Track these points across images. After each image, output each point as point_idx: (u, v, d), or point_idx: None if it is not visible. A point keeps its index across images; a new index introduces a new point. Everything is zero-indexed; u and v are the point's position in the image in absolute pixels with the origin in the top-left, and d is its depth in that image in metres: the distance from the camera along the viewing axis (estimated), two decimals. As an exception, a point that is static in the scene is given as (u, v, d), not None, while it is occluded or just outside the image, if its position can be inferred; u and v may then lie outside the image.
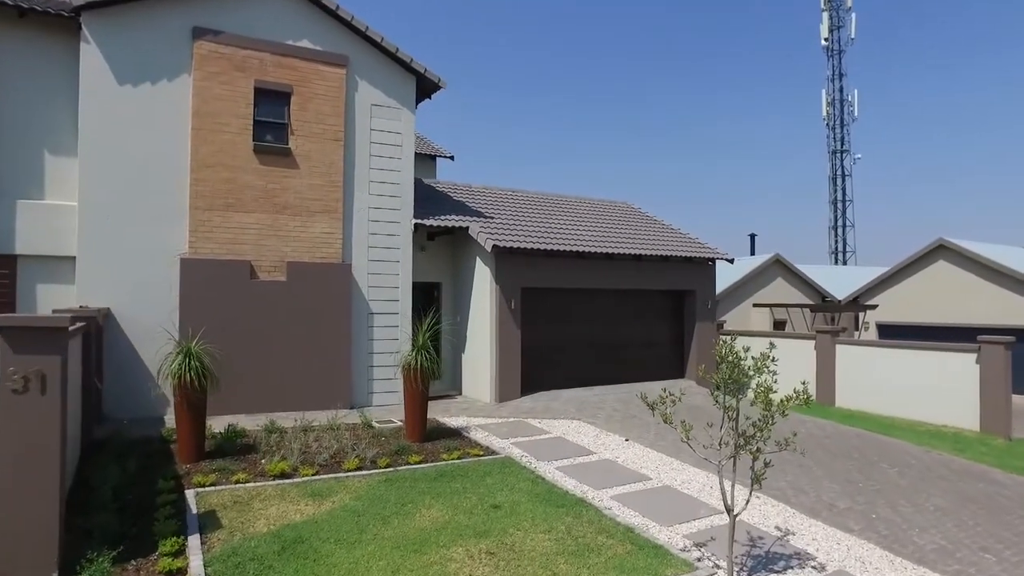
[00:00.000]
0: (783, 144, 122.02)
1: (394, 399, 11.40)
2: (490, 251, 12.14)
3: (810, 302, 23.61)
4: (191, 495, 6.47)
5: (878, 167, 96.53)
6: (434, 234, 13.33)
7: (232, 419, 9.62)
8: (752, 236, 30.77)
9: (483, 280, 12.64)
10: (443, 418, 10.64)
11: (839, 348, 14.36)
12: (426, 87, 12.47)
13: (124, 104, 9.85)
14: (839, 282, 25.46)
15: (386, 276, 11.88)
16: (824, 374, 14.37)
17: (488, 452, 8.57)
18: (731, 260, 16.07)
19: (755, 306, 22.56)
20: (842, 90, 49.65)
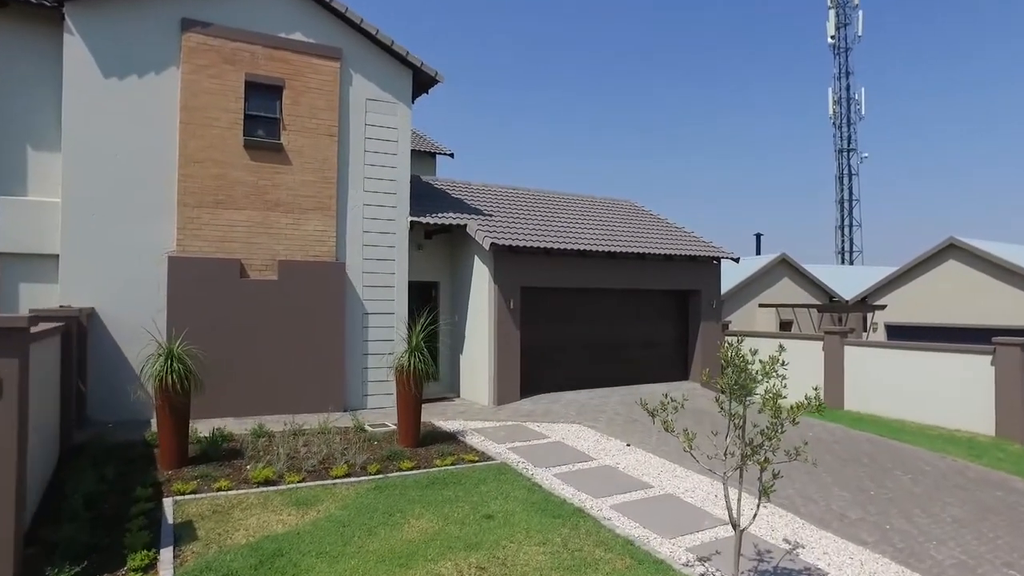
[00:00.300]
0: (789, 143, 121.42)
1: (389, 401, 11.08)
2: (488, 249, 11.81)
3: (817, 302, 23.19)
4: (168, 504, 6.17)
5: (885, 166, 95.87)
6: (432, 232, 13.03)
7: (220, 422, 9.35)
8: (758, 236, 30.42)
9: (481, 279, 12.31)
10: (439, 422, 10.32)
11: (848, 349, 13.97)
12: (423, 81, 12.14)
13: (109, 97, 9.56)
14: (846, 282, 25.05)
15: (381, 275, 11.56)
16: (832, 376, 13.98)
17: (484, 458, 8.24)
18: (736, 259, 15.70)
19: (761, 306, 22.16)
20: (849, 88, 49.21)
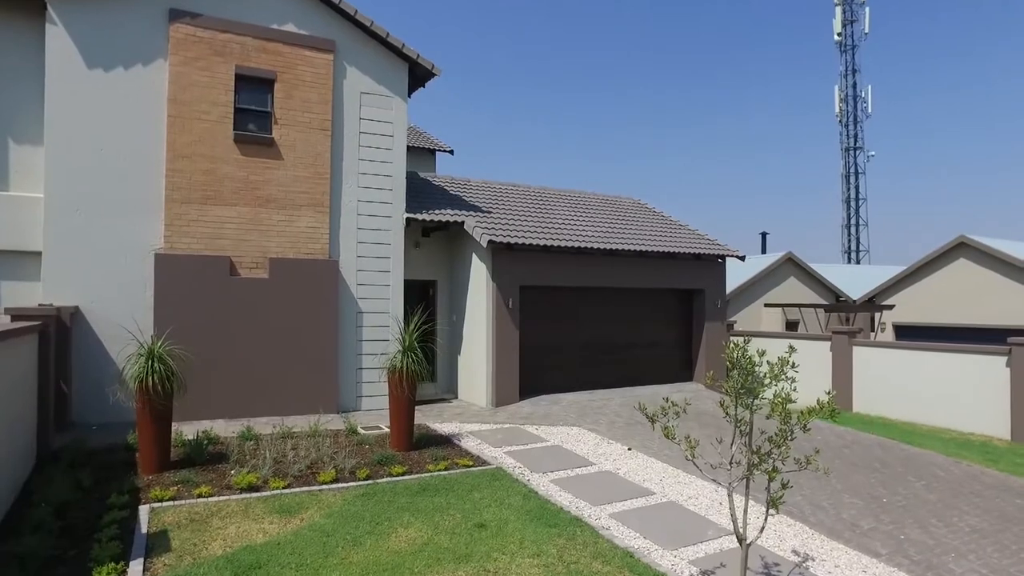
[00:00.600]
0: (795, 141, 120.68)
1: (384, 403, 10.72)
2: (486, 247, 11.48)
3: (823, 302, 22.76)
4: (144, 511, 5.86)
5: (892, 164, 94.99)
6: (429, 230, 12.72)
7: (208, 424, 9.07)
8: (763, 234, 29.97)
9: (480, 278, 11.98)
10: (434, 424, 10.00)
11: (856, 350, 13.59)
12: (420, 74, 11.82)
13: (94, 90, 9.26)
14: (853, 281, 24.59)
15: (376, 273, 11.25)
16: (841, 377, 13.61)
17: (478, 462, 7.92)
18: (742, 257, 15.32)
19: (767, 306, 21.75)
20: (855, 86, 48.64)
